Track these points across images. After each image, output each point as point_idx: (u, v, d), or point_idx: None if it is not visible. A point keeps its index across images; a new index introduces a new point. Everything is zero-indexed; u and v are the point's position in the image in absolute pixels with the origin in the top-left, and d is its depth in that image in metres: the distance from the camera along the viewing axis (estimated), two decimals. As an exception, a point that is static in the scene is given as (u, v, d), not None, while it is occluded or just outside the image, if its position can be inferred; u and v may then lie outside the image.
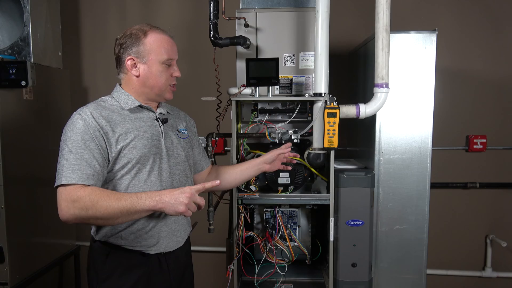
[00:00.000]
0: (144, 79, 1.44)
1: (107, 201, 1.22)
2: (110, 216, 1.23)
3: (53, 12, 2.54)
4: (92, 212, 1.22)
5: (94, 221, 1.27)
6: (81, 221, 1.25)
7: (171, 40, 1.47)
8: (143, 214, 1.29)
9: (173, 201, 1.24)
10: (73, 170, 1.25)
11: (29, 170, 2.29)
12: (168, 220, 1.46)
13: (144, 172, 1.39)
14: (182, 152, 1.52)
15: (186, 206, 1.24)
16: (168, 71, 1.45)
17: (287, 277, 1.91)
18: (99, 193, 1.24)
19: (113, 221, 1.26)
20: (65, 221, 1.25)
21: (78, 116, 1.34)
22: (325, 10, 1.67)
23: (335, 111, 1.68)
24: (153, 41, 1.42)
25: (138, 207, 1.23)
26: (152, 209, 1.26)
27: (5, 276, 2.11)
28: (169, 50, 1.45)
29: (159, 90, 1.45)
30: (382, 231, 1.91)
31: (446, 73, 2.58)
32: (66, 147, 1.29)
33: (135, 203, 1.23)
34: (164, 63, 1.43)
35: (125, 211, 1.23)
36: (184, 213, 1.25)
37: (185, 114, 1.69)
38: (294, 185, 1.81)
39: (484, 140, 2.60)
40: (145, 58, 1.42)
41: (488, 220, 2.68)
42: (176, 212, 1.25)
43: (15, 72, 2.09)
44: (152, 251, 1.44)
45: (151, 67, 1.42)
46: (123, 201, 1.23)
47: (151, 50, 1.42)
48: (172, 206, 1.24)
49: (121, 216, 1.24)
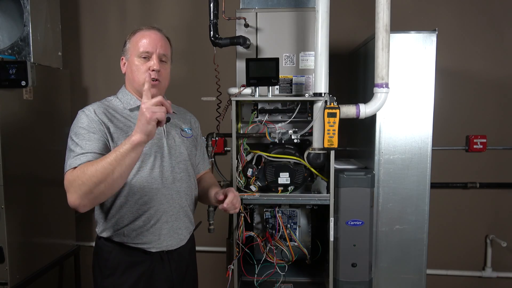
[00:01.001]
0: (128, 75, 1.50)
1: (94, 165, 1.23)
2: (105, 174, 1.21)
3: (53, 12, 2.54)
4: (89, 183, 1.21)
5: (98, 190, 1.23)
6: (88, 200, 1.23)
7: (154, 35, 1.48)
8: (133, 155, 1.24)
9: (142, 122, 1.22)
10: (76, 158, 1.29)
11: (29, 170, 2.29)
12: (170, 218, 1.47)
13: (146, 169, 1.41)
14: (184, 151, 1.54)
15: (153, 114, 1.22)
16: (145, 65, 1.45)
17: (287, 277, 1.91)
18: (89, 164, 1.25)
19: (112, 177, 1.22)
20: (75, 207, 1.24)
21: (82, 113, 1.40)
22: (325, 10, 1.67)
23: (335, 111, 1.68)
24: (134, 38, 1.48)
25: (122, 150, 1.22)
26: (134, 143, 1.22)
27: (5, 276, 2.11)
28: (146, 44, 1.45)
29: (137, 84, 1.47)
30: (382, 231, 1.91)
31: (446, 73, 2.57)
32: (72, 141, 1.34)
33: (117, 149, 1.24)
34: (140, 57, 1.45)
35: (114, 161, 1.22)
36: (159, 118, 1.23)
37: (191, 115, 1.72)
38: (294, 185, 1.81)
39: (484, 140, 2.59)
40: (128, 55, 1.49)
41: (488, 220, 2.68)
42: (153, 125, 1.22)
43: (15, 72, 2.09)
44: (154, 248, 1.46)
45: (131, 62, 1.48)
46: (107, 156, 1.24)
47: (131, 46, 1.48)
48: (144, 126, 1.22)
49: (115, 168, 1.21)
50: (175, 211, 1.49)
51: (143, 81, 1.43)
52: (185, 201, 1.53)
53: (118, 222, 1.42)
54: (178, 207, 1.50)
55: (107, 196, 1.30)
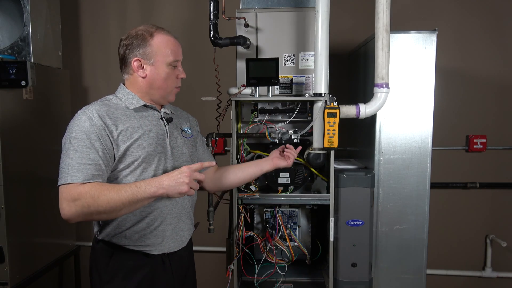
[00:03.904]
0: (151, 81, 1.43)
1: (108, 194, 1.21)
2: (113, 209, 1.22)
3: (53, 12, 2.54)
4: (94, 208, 1.21)
5: (97, 216, 1.26)
6: (84, 218, 1.23)
7: (176, 41, 1.47)
8: (145, 202, 1.27)
9: (173, 183, 1.25)
10: (78, 169, 1.24)
11: (29, 170, 2.29)
12: (173, 220, 1.46)
13: (150, 171, 1.38)
14: (186, 152, 1.53)
15: (188, 185, 1.25)
16: (174, 73, 1.46)
17: (287, 277, 1.91)
18: (99, 188, 1.23)
19: (117, 213, 1.25)
20: (67, 219, 1.23)
21: (84, 114, 1.32)
22: (325, 10, 1.67)
23: (335, 111, 1.68)
24: (159, 42, 1.42)
25: (139, 196, 1.23)
26: (154, 196, 1.25)
27: (5, 276, 2.11)
28: (175, 52, 1.45)
29: (164, 92, 1.45)
30: (382, 231, 1.91)
31: (446, 73, 2.57)
32: (71, 146, 1.28)
33: (135, 192, 1.23)
34: (170, 65, 1.43)
35: (127, 202, 1.22)
36: (188, 192, 1.26)
37: (187, 114, 1.70)
38: (294, 185, 1.81)
39: (484, 140, 2.59)
40: (152, 59, 1.41)
41: (488, 220, 2.68)
42: (180, 193, 1.26)
43: (15, 72, 2.09)
44: (156, 251, 1.43)
45: (158, 68, 1.42)
46: (123, 192, 1.22)
47: (158, 51, 1.41)
48: (173, 188, 1.25)
49: (123, 208, 1.23)
50: (178, 213, 1.48)
51: (172, 89, 1.46)
52: (187, 202, 1.52)
53: (120, 224, 1.38)
54: (181, 208, 1.49)
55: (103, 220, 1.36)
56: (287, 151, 1.70)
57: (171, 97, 1.48)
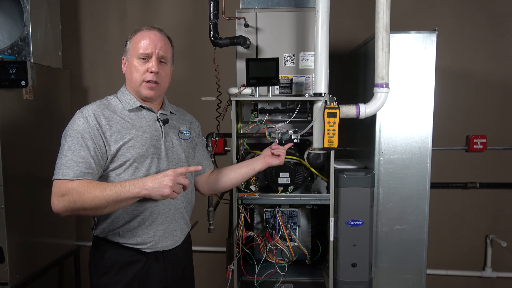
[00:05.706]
0: (127, 75, 1.49)
1: (93, 192, 1.26)
2: (97, 206, 1.27)
3: (53, 12, 2.54)
4: (80, 204, 1.26)
5: (84, 212, 1.29)
6: (71, 213, 1.29)
7: (154, 35, 1.46)
8: (129, 202, 1.31)
9: (157, 186, 1.27)
10: (69, 167, 1.30)
11: (29, 170, 2.29)
12: (165, 220, 1.48)
13: (142, 171, 1.41)
14: (182, 153, 1.54)
15: (171, 188, 1.28)
16: (144, 66, 1.45)
17: (287, 277, 1.91)
18: (86, 185, 1.28)
19: (101, 210, 1.30)
20: (56, 213, 1.30)
21: (80, 114, 1.38)
22: (325, 10, 1.67)
23: (335, 111, 1.68)
24: (135, 38, 1.47)
25: (123, 196, 1.27)
26: (137, 196, 1.29)
27: (5, 276, 2.11)
28: (146, 45, 1.44)
29: (134, 85, 1.47)
30: (382, 231, 1.91)
31: (446, 73, 2.58)
32: (66, 144, 1.34)
33: (119, 192, 1.27)
34: (139, 58, 1.44)
35: (111, 201, 1.27)
36: (170, 195, 1.28)
37: (191, 116, 1.72)
38: (294, 185, 1.81)
39: (484, 140, 2.59)
40: (128, 54, 1.48)
41: (488, 220, 2.68)
42: (162, 196, 1.28)
43: (15, 72, 2.09)
44: (149, 249, 1.46)
45: (130, 62, 1.47)
46: (108, 191, 1.27)
47: (132, 46, 1.47)
48: (156, 190, 1.27)
49: (108, 206, 1.28)
50: (170, 213, 1.49)
51: (140, 82, 1.45)
52: (181, 203, 1.53)
53: (114, 222, 1.42)
54: (173, 209, 1.50)
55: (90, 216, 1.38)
56: (274, 151, 1.70)
57: (143, 91, 1.46)
